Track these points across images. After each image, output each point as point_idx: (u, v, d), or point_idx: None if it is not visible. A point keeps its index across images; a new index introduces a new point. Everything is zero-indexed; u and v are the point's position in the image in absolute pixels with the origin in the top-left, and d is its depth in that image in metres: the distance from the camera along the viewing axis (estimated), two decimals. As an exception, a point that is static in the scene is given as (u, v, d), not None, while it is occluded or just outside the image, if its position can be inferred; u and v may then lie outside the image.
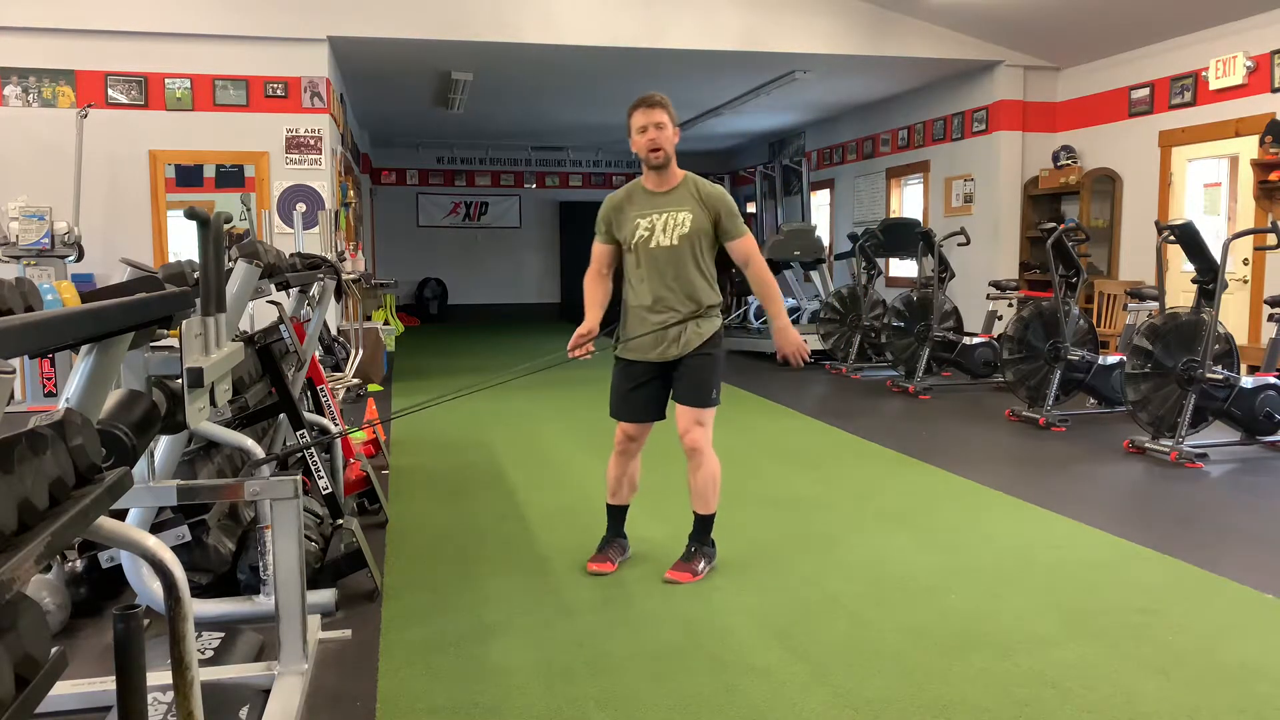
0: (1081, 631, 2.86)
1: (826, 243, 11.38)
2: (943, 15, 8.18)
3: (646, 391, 3.40)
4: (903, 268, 10.62)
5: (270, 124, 7.54)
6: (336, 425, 4.00)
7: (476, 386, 3.37)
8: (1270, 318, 5.78)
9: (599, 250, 3.47)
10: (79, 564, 2.93)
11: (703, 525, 3.43)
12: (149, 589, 2.58)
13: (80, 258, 6.60)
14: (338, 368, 6.60)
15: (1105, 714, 2.35)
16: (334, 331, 7.19)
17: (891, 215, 10.70)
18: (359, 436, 4.73)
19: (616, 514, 3.56)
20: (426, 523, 4.06)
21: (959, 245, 8.11)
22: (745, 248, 3.40)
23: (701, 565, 3.37)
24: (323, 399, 4.20)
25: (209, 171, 7.77)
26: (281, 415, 3.42)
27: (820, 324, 9.27)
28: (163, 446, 2.44)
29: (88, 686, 2.31)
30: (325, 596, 2.93)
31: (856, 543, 3.74)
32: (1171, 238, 5.35)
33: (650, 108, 3.30)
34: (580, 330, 3.32)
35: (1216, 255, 5.18)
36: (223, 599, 2.92)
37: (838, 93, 10.30)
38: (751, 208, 14.58)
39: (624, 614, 3.03)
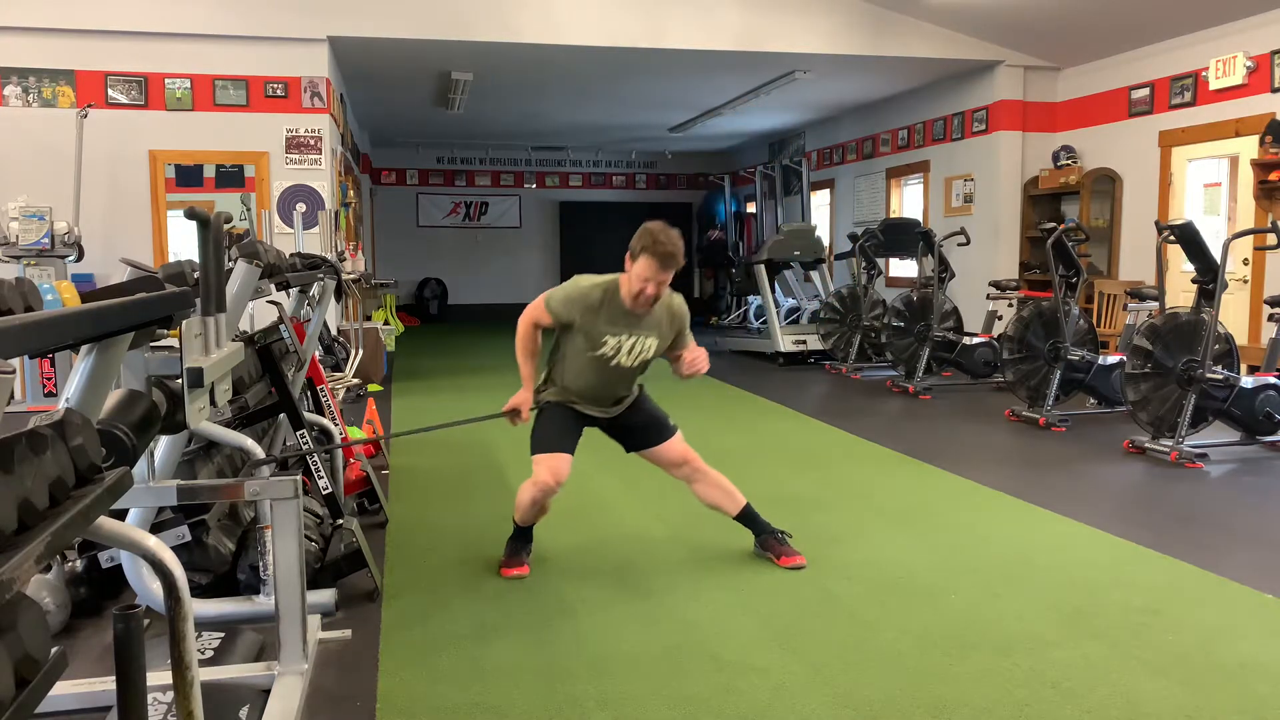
0: (1081, 631, 2.86)
1: (826, 243, 11.38)
2: (943, 15, 8.18)
3: (579, 428, 3.44)
4: (903, 268, 10.62)
5: (270, 124, 7.54)
6: (336, 425, 4.00)
7: (456, 420, 3.49)
8: (1270, 318, 5.78)
9: (544, 318, 3.33)
10: (79, 564, 2.93)
11: (752, 516, 3.52)
12: (149, 589, 2.58)
13: (80, 258, 6.60)
14: (338, 368, 6.60)
15: (1105, 714, 2.35)
16: (334, 331, 7.19)
17: (891, 215, 10.69)
18: (358, 436, 4.73)
19: (528, 532, 3.51)
20: (426, 523, 4.06)
21: (959, 245, 8.11)
22: (693, 354, 3.38)
23: (790, 544, 3.48)
24: (323, 399, 4.20)
25: (209, 171, 7.77)
26: (281, 415, 3.42)
27: (820, 324, 9.27)
28: (163, 446, 2.44)
29: (88, 686, 2.31)
30: (325, 596, 2.92)
31: (856, 543, 3.74)
32: (1171, 238, 5.35)
33: (665, 270, 3.16)
34: (520, 401, 3.35)
35: (1216, 255, 5.18)
36: (223, 599, 2.92)
37: (838, 93, 10.30)
38: (751, 208, 14.60)
39: (624, 614, 3.03)
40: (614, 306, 3.27)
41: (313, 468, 3.37)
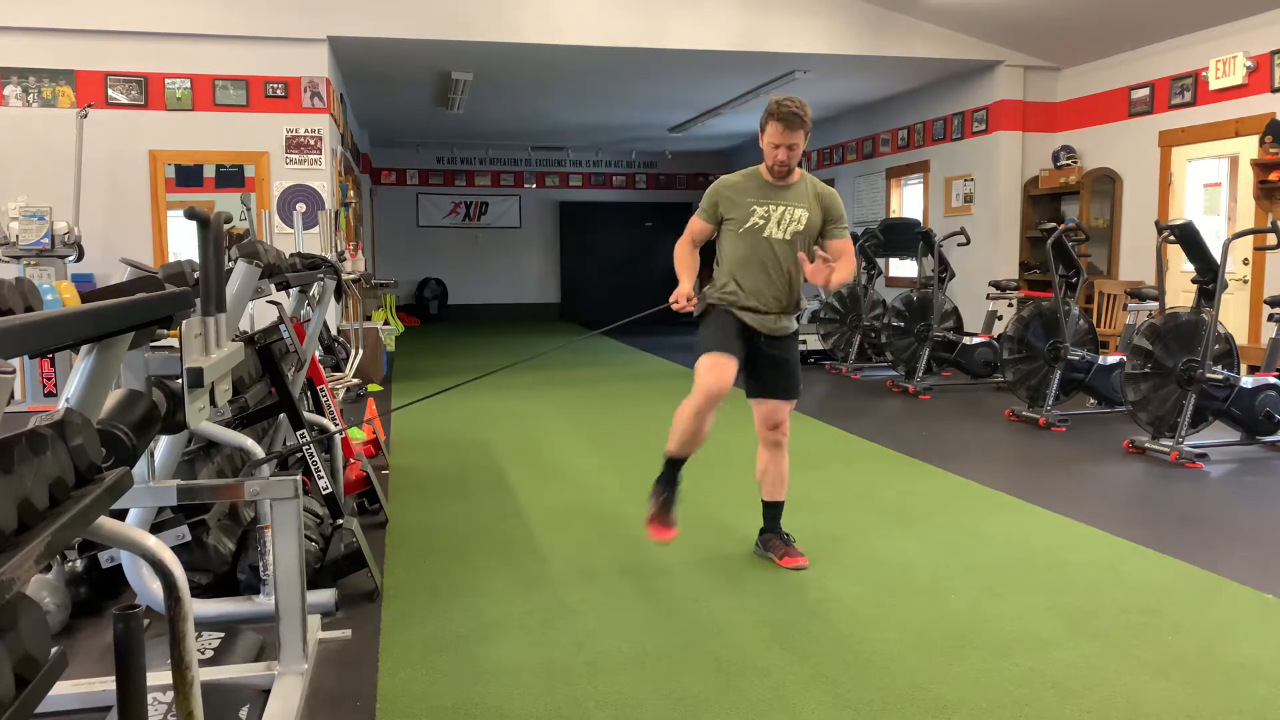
0: (1081, 631, 2.86)
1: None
2: (943, 15, 8.18)
3: (742, 343, 3.32)
4: (903, 268, 10.62)
5: (270, 124, 7.54)
6: (336, 425, 3.99)
7: (508, 364, 3.36)
8: (1270, 318, 5.78)
9: (698, 226, 3.46)
10: (79, 564, 2.93)
11: (776, 511, 3.53)
12: (149, 589, 2.58)
13: (80, 258, 6.60)
14: (338, 368, 6.60)
15: (1105, 714, 2.35)
16: (334, 331, 7.18)
17: (891, 215, 10.70)
18: (358, 436, 4.73)
19: (679, 466, 3.33)
20: (426, 523, 4.06)
21: (959, 245, 8.12)
22: (847, 246, 3.39)
23: (795, 545, 3.47)
24: (323, 399, 4.20)
25: (209, 171, 7.76)
26: (281, 415, 3.42)
27: (820, 324, 9.27)
28: (163, 446, 2.44)
29: (88, 686, 2.31)
30: (325, 596, 2.92)
31: (856, 543, 3.74)
32: (1171, 238, 5.35)
33: (792, 130, 3.21)
34: (681, 292, 3.27)
35: (1216, 255, 5.18)
36: (223, 599, 2.92)
37: (838, 93, 10.30)
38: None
39: (624, 614, 3.03)
40: (757, 182, 3.36)
41: (313, 468, 3.37)
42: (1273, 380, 5.23)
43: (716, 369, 3.19)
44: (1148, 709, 2.37)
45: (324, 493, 3.39)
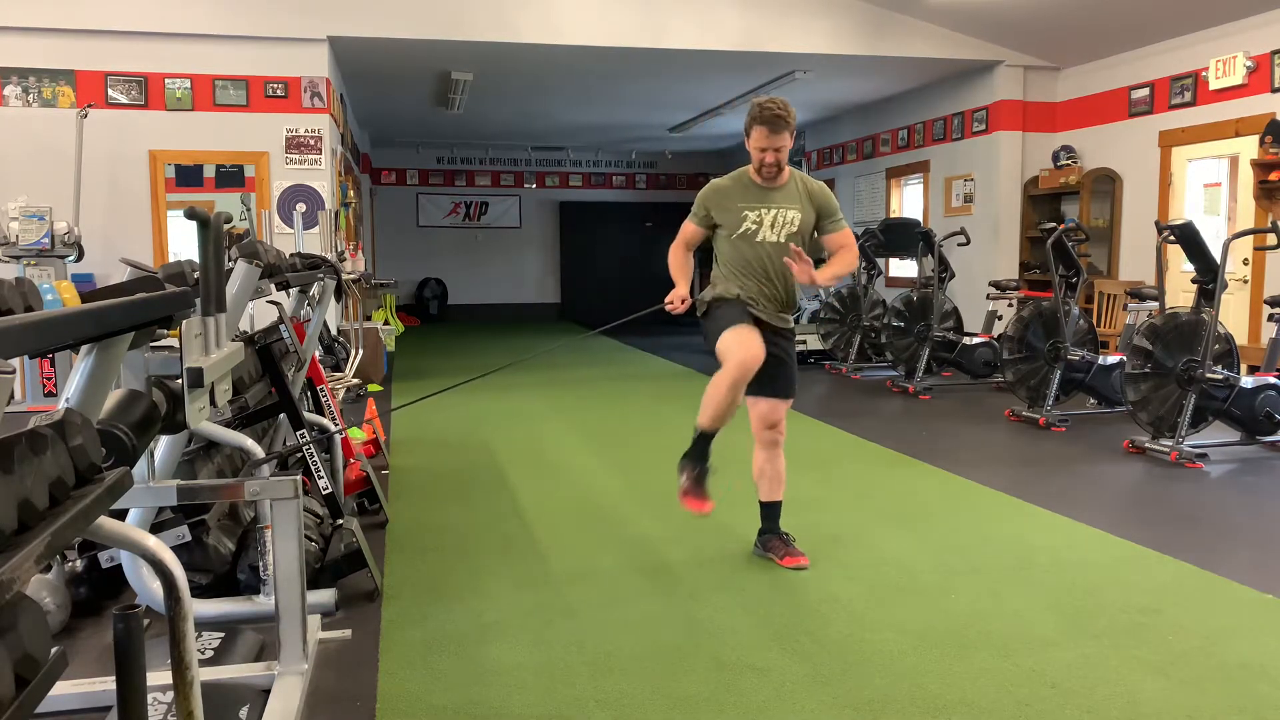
0: (1081, 631, 2.86)
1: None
2: (943, 15, 8.18)
3: (752, 321, 3.33)
4: (903, 268, 10.61)
5: (270, 124, 7.54)
6: (336, 425, 3.99)
7: (508, 364, 3.37)
8: (1270, 318, 5.78)
9: (690, 230, 3.44)
10: (79, 564, 2.93)
11: (774, 511, 3.52)
12: (149, 589, 2.58)
13: (80, 258, 6.60)
14: (338, 368, 6.60)
15: (1105, 714, 2.35)
16: (334, 331, 7.18)
17: (891, 215, 10.70)
18: (359, 436, 4.73)
19: (709, 440, 3.29)
20: (426, 523, 4.06)
21: (959, 245, 8.12)
22: (844, 239, 3.42)
23: (795, 545, 3.47)
24: (323, 399, 4.20)
25: (209, 171, 7.76)
26: (281, 415, 3.42)
27: (820, 324, 9.27)
28: (163, 446, 2.44)
29: (88, 686, 2.31)
30: (325, 596, 2.93)
31: (856, 543, 3.74)
32: (1171, 238, 5.35)
33: (777, 132, 3.20)
34: (676, 294, 3.32)
35: (1216, 255, 5.18)
36: (223, 599, 2.92)
37: (838, 93, 10.30)
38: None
39: (624, 614, 3.03)
40: (746, 185, 3.34)
41: (313, 468, 3.37)
42: (1273, 380, 5.23)
43: (745, 341, 3.19)
44: (1148, 709, 2.37)
45: (324, 493, 3.39)
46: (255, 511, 2.95)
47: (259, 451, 2.76)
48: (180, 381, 1.69)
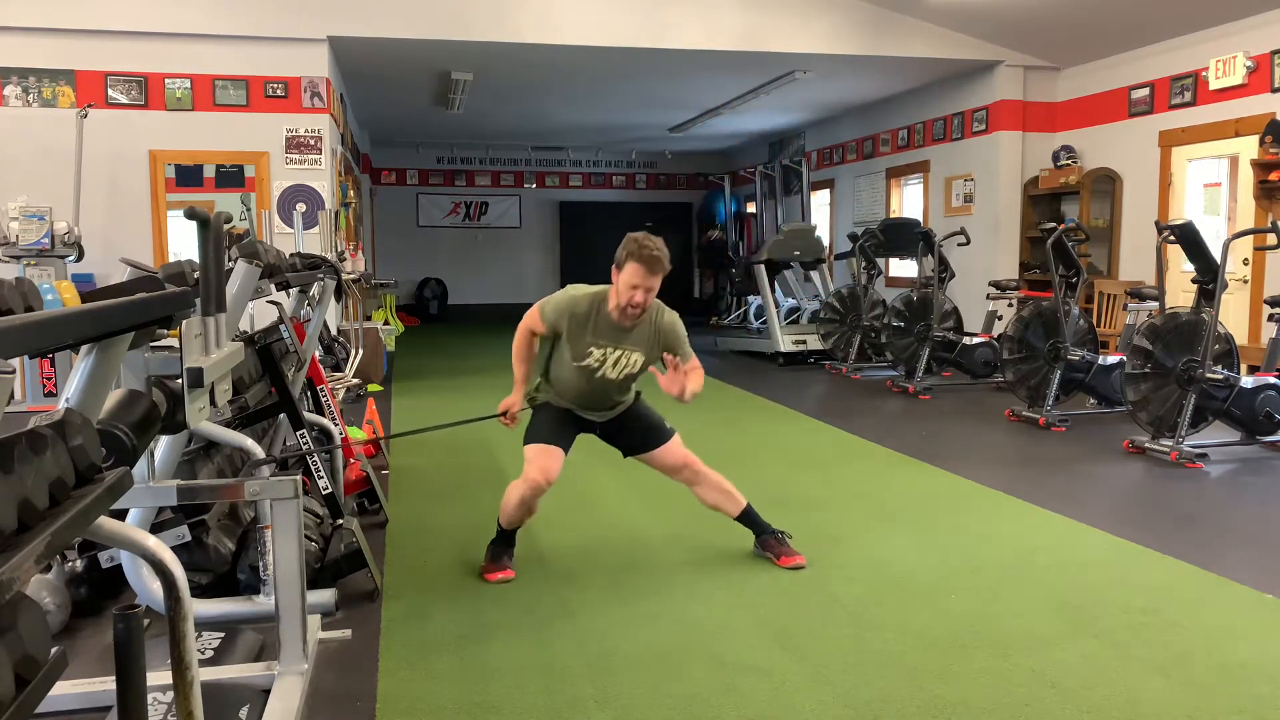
0: (1081, 631, 2.86)
1: (826, 243, 11.39)
2: (943, 15, 8.18)
3: (574, 429, 3.45)
4: (903, 268, 10.62)
5: (270, 124, 7.54)
6: (336, 425, 3.99)
7: (450, 422, 3.52)
8: (1270, 318, 5.78)
9: (537, 326, 3.36)
10: (79, 564, 2.93)
11: (752, 516, 3.52)
12: (149, 589, 2.58)
13: (80, 258, 6.59)
14: (338, 368, 6.59)
15: (1105, 714, 2.35)
16: (334, 331, 7.18)
17: (891, 215, 10.70)
18: (358, 436, 4.73)
19: (512, 535, 3.45)
20: (426, 523, 4.06)
21: (959, 245, 8.11)
22: (694, 364, 3.33)
23: (790, 544, 3.47)
24: (323, 399, 4.20)
25: (209, 171, 7.76)
26: (281, 415, 3.42)
27: (820, 324, 9.27)
28: (163, 446, 2.44)
29: (88, 686, 2.31)
30: (325, 596, 2.92)
31: (856, 543, 3.74)
32: (1171, 238, 5.35)
33: (653, 273, 3.17)
34: (510, 403, 3.40)
35: (1216, 255, 5.18)
36: (223, 599, 2.92)
37: (838, 93, 10.30)
38: (751, 208, 14.60)
39: (624, 614, 3.03)
40: (601, 319, 3.29)
41: (313, 468, 3.37)
42: (1273, 380, 5.23)
43: (541, 460, 3.31)
44: (1148, 709, 2.37)
45: (324, 493, 3.39)
46: (255, 511, 2.95)
47: (259, 451, 2.76)
48: (180, 381, 1.69)
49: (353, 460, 4.11)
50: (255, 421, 3.40)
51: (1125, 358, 5.51)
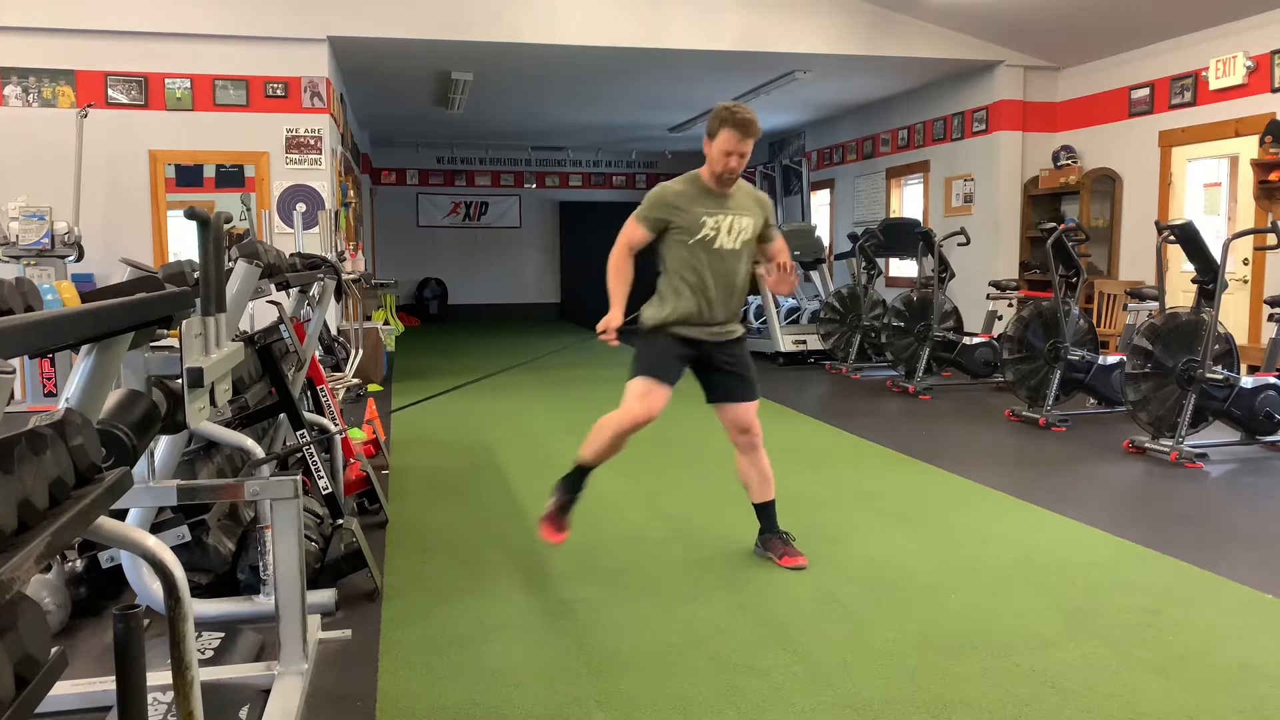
0: (1081, 631, 2.86)
1: (826, 243, 11.39)
2: (943, 15, 8.18)
3: (680, 364, 3.36)
4: (903, 268, 10.62)
5: (270, 124, 7.54)
6: (336, 425, 3.99)
7: (510, 366, 3.37)
8: (1270, 318, 5.78)
9: (639, 235, 3.33)
10: (79, 564, 2.93)
11: (769, 511, 3.51)
12: (149, 589, 2.58)
13: (80, 258, 6.59)
14: (338, 368, 6.59)
15: (1105, 714, 2.35)
16: (334, 331, 7.18)
17: (891, 215, 10.70)
18: (359, 436, 4.73)
19: (587, 474, 3.40)
20: (426, 523, 4.06)
21: (959, 245, 8.11)
22: (782, 245, 3.49)
23: (794, 545, 3.46)
24: (323, 399, 4.20)
25: (209, 171, 7.76)
26: (281, 415, 3.42)
27: (820, 324, 9.27)
28: (163, 446, 2.44)
29: (88, 686, 2.31)
30: (325, 596, 2.92)
31: (856, 543, 3.74)
32: (1171, 238, 5.35)
33: (747, 137, 3.23)
34: (609, 322, 3.27)
35: (1216, 255, 5.18)
36: (223, 599, 2.92)
37: (838, 93, 10.30)
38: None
39: (624, 614, 3.03)
40: (702, 191, 3.32)
41: (313, 468, 3.37)
42: (1273, 380, 5.23)
43: (648, 398, 3.24)
44: (1148, 709, 2.37)
45: (324, 493, 3.39)
46: (255, 511, 2.95)
47: (259, 451, 2.76)
48: (180, 381, 1.69)
49: (353, 460, 4.11)
50: (255, 421, 3.39)
51: (1125, 358, 5.51)
